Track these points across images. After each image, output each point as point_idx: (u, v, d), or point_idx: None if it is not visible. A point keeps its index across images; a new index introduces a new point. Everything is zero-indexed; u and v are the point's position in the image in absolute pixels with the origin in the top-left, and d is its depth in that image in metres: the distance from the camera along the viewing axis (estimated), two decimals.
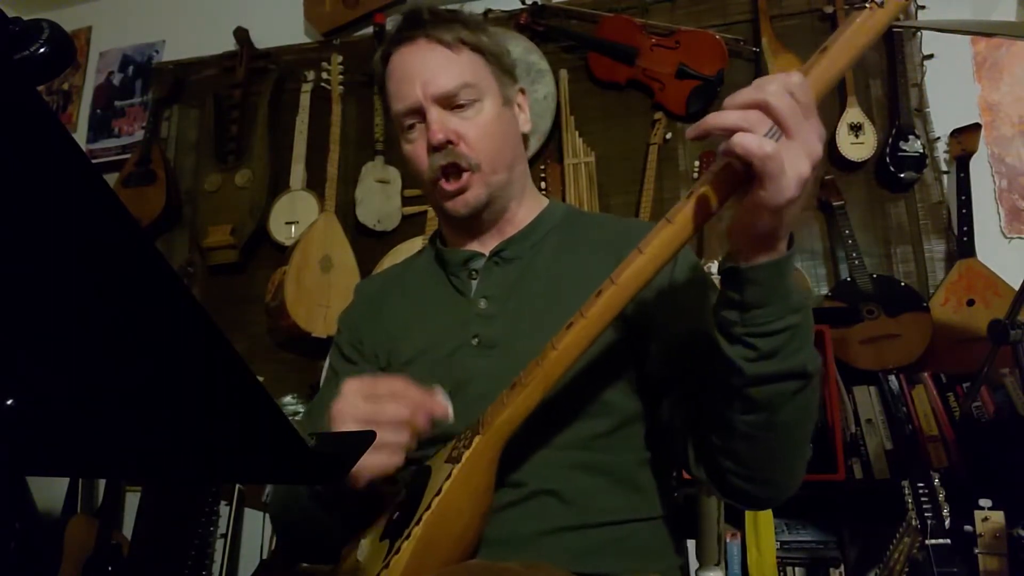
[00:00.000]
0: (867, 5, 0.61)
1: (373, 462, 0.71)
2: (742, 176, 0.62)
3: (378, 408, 0.72)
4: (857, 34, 0.62)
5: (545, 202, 1.03)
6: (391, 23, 0.98)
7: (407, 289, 1.03)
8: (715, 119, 0.60)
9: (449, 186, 0.91)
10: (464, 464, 0.72)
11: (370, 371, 0.98)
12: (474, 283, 0.96)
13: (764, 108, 0.59)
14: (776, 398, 0.69)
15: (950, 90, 2.14)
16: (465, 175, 0.91)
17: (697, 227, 0.64)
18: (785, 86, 0.59)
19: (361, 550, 0.80)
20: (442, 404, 0.75)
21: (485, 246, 0.98)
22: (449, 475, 0.72)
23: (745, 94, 0.60)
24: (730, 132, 0.59)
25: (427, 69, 0.91)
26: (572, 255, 0.95)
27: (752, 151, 0.58)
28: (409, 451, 0.74)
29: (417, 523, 0.70)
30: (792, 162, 0.58)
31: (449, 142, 0.90)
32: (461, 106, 0.91)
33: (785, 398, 0.69)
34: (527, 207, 1.00)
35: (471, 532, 0.74)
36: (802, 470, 0.78)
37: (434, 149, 0.90)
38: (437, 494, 0.71)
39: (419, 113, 0.92)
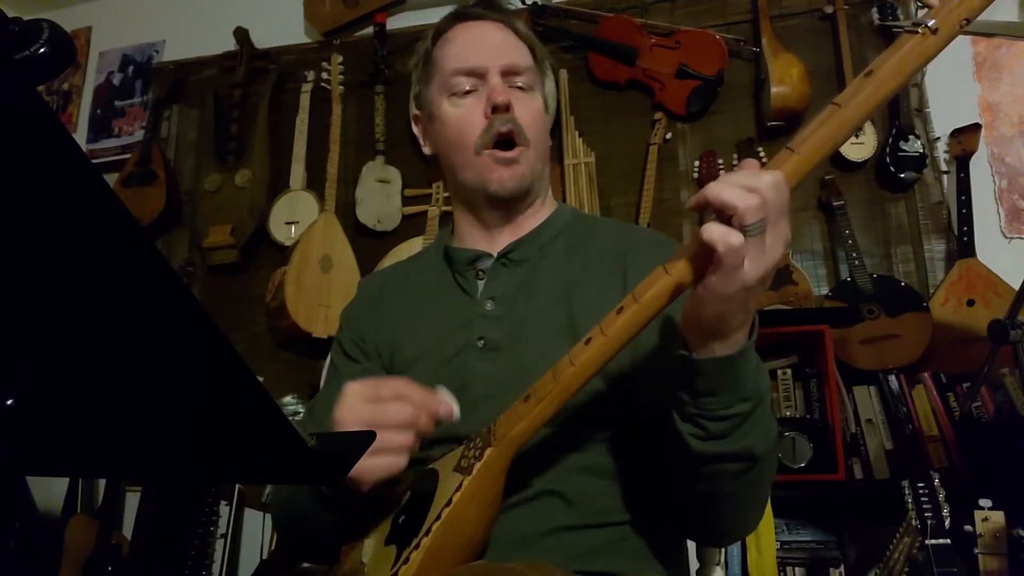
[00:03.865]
0: (919, 31, 0.59)
1: (377, 465, 0.71)
2: None
3: (380, 410, 0.72)
4: (906, 60, 0.60)
5: (555, 205, 1.03)
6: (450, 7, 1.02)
7: (411, 286, 1.02)
8: (715, 191, 0.59)
9: (504, 153, 0.91)
10: (475, 476, 0.72)
11: (373, 369, 0.98)
12: (480, 283, 0.95)
13: (761, 197, 0.58)
14: (722, 475, 0.71)
15: (950, 90, 2.14)
16: (519, 148, 0.92)
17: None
18: (779, 182, 0.59)
19: (365, 552, 0.80)
20: (447, 404, 0.75)
21: (495, 245, 0.97)
22: (459, 486, 0.72)
23: (742, 177, 0.59)
24: (726, 209, 0.58)
25: (499, 42, 0.95)
26: (579, 260, 0.94)
27: (717, 240, 0.58)
28: (413, 452, 0.74)
29: (426, 533, 0.71)
30: (756, 259, 0.59)
31: (508, 107, 0.91)
32: (521, 88, 0.94)
33: (730, 476, 0.71)
34: (543, 209, 1.01)
35: (478, 540, 0.74)
36: (752, 525, 0.82)
37: (495, 111, 0.91)
38: (447, 505, 0.71)
39: (479, 76, 0.93)
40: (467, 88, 0.93)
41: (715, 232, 0.58)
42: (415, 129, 1.05)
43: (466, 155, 0.93)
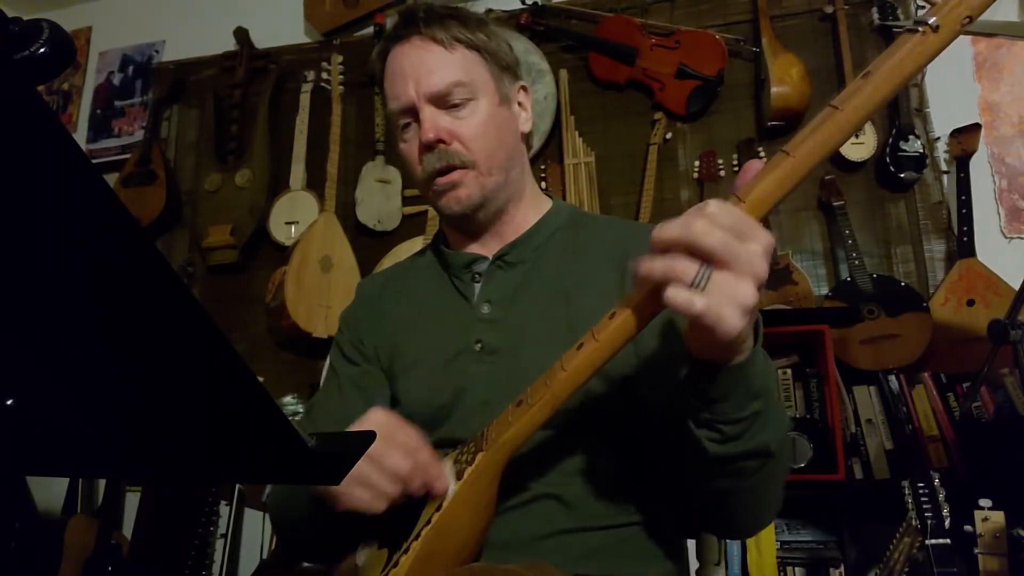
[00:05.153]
0: (919, 29, 0.57)
1: (356, 495, 0.72)
2: None
3: (384, 451, 0.72)
4: (906, 60, 0.57)
5: (548, 203, 1.02)
6: (390, 22, 0.98)
7: (409, 290, 1.02)
8: (647, 269, 0.59)
9: (442, 180, 0.90)
10: (466, 481, 0.72)
11: (372, 371, 0.98)
12: (477, 287, 0.95)
13: (692, 248, 0.57)
14: (741, 472, 0.71)
15: (950, 90, 2.14)
16: (458, 171, 0.90)
17: None
18: (712, 219, 0.56)
19: (360, 555, 0.80)
20: (444, 482, 0.74)
21: (487, 249, 0.97)
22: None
23: (672, 230, 0.58)
24: (665, 280, 0.58)
25: (420, 68, 0.90)
26: (577, 261, 0.93)
27: (681, 309, 0.56)
28: (393, 503, 0.73)
29: (416, 538, 0.70)
30: (731, 295, 0.56)
31: (440, 141, 0.89)
32: (455, 105, 0.90)
33: (749, 472, 0.71)
34: (529, 209, 0.99)
35: (470, 547, 0.74)
36: (772, 515, 0.82)
37: (426, 149, 0.90)
38: (437, 510, 0.71)
39: (413, 112, 0.91)
40: (406, 122, 0.93)
41: (678, 301, 0.56)
42: None
43: (420, 187, 0.95)
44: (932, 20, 0.57)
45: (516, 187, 0.97)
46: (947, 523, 1.45)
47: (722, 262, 0.56)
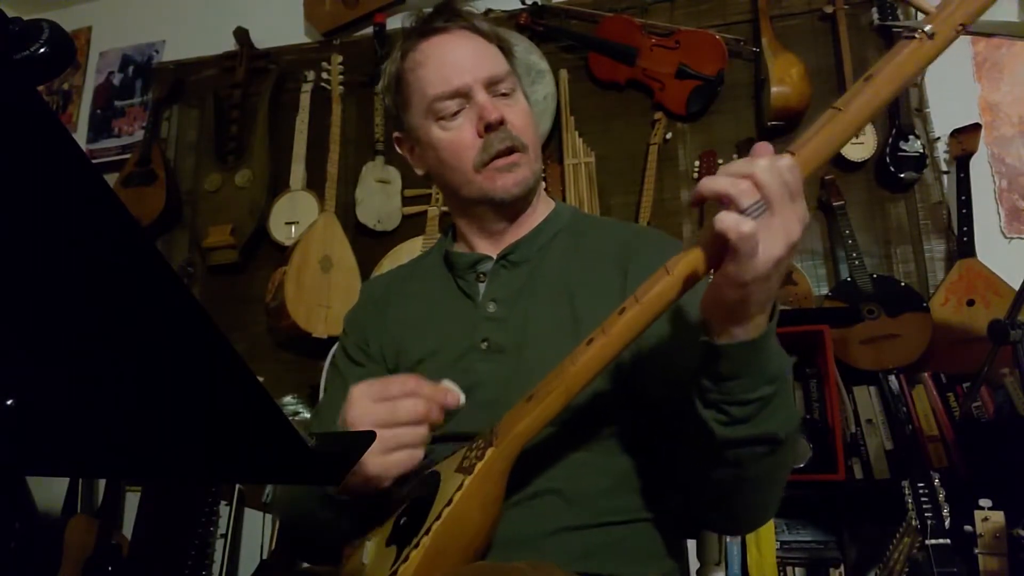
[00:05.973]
0: (916, 35, 0.60)
1: (397, 460, 0.73)
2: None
3: (393, 408, 0.73)
4: (904, 66, 0.60)
5: (552, 204, 1.03)
6: (409, 18, 0.99)
7: (413, 290, 1.03)
8: (707, 183, 0.61)
9: (503, 161, 0.91)
10: (476, 475, 0.72)
11: (377, 371, 0.98)
12: (482, 286, 0.96)
13: (753, 181, 0.59)
14: (746, 459, 0.71)
15: (950, 90, 2.13)
16: (517, 154, 0.92)
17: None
18: (775, 164, 0.59)
19: (366, 553, 0.80)
20: (454, 394, 0.76)
21: (495, 247, 0.98)
22: (460, 485, 0.72)
23: (737, 165, 0.61)
24: (721, 198, 0.60)
25: (474, 55, 0.93)
26: (579, 261, 0.95)
27: (728, 228, 0.58)
28: (426, 444, 0.75)
29: (426, 532, 0.70)
30: (768, 242, 0.59)
31: (502, 122, 0.91)
32: (504, 94, 0.94)
33: (755, 460, 0.71)
34: (539, 207, 1.01)
35: (480, 541, 0.74)
36: (773, 511, 0.82)
37: (489, 129, 0.91)
38: (447, 504, 0.71)
39: (464, 96, 0.92)
40: (454, 110, 0.92)
41: (727, 221, 0.58)
42: (400, 150, 1.04)
43: (465, 175, 0.93)
44: (928, 27, 0.60)
45: (540, 181, 1.00)
46: (947, 523, 1.45)
47: (772, 206, 0.59)
